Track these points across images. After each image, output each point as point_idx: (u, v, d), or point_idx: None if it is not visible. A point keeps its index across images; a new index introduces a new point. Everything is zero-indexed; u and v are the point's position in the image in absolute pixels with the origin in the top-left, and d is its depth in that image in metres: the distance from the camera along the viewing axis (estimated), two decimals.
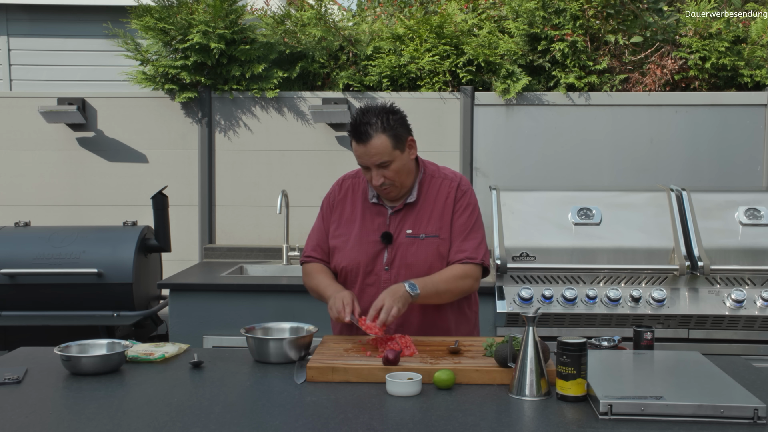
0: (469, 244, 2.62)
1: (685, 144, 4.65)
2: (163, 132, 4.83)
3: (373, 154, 2.50)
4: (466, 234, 2.63)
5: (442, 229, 2.62)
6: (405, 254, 2.60)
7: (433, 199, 2.65)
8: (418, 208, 2.64)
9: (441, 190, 2.66)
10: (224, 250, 4.73)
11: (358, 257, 2.63)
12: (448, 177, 2.70)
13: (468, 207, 2.66)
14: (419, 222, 2.62)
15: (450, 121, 4.71)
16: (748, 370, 2.36)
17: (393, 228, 2.63)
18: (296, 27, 4.81)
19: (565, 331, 3.67)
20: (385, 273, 2.61)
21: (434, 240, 2.61)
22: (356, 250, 2.64)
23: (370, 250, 2.62)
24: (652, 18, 4.72)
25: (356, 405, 2.01)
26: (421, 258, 2.59)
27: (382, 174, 2.53)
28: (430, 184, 2.68)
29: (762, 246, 3.74)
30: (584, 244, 3.80)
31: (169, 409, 1.98)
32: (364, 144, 2.50)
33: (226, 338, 3.84)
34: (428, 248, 2.60)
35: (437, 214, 2.63)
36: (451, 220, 2.63)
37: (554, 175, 4.67)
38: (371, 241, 2.63)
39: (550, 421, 1.89)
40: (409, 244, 2.60)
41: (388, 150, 2.51)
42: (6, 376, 2.24)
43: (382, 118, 2.50)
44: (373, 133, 2.48)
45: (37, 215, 4.77)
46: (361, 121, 2.50)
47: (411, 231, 2.61)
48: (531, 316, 2.10)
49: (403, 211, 2.64)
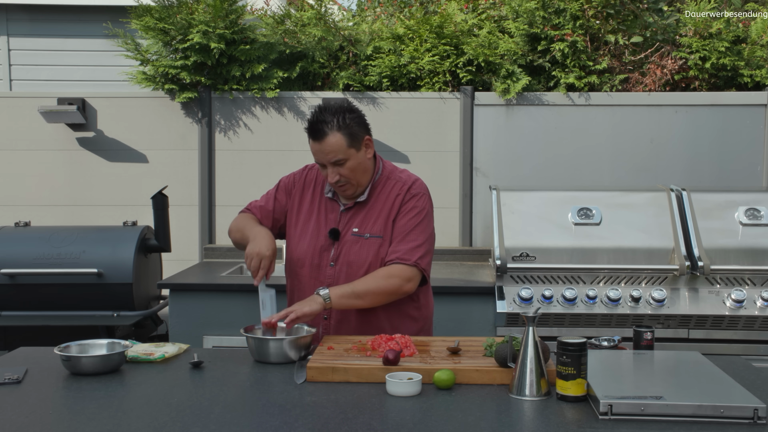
0: (403, 246, 2.60)
1: (685, 144, 4.65)
2: (163, 132, 4.83)
3: (327, 152, 2.53)
4: (404, 236, 2.62)
5: (385, 230, 2.64)
6: (348, 252, 2.63)
7: (383, 199, 2.66)
8: (367, 208, 2.66)
9: (392, 191, 2.67)
10: (224, 250, 4.73)
11: (307, 250, 2.67)
12: (401, 179, 2.70)
13: (413, 210, 2.64)
14: (366, 221, 2.65)
15: (450, 121, 4.71)
16: (748, 370, 2.36)
17: (342, 225, 2.66)
18: (296, 27, 4.81)
19: (565, 331, 3.67)
20: (330, 269, 2.64)
21: (377, 240, 2.63)
22: (306, 242, 2.68)
23: (319, 244, 2.66)
24: (652, 18, 4.72)
25: (356, 405, 2.01)
26: (362, 257, 2.62)
27: (337, 172, 2.56)
28: (384, 185, 2.69)
29: (762, 246, 3.74)
30: (584, 244, 3.80)
31: (169, 409, 1.98)
32: (319, 142, 2.53)
33: (226, 338, 3.84)
34: (370, 248, 2.62)
35: (384, 215, 2.65)
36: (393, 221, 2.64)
37: (554, 175, 4.67)
38: (322, 235, 2.67)
39: (550, 421, 1.89)
40: (354, 242, 2.63)
41: (343, 148, 2.53)
42: (6, 376, 2.24)
43: (339, 116, 2.53)
44: (329, 131, 2.52)
45: (37, 215, 4.77)
46: (317, 119, 2.54)
47: (357, 230, 2.64)
48: (531, 316, 2.10)
49: (353, 209, 2.67)
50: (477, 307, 3.79)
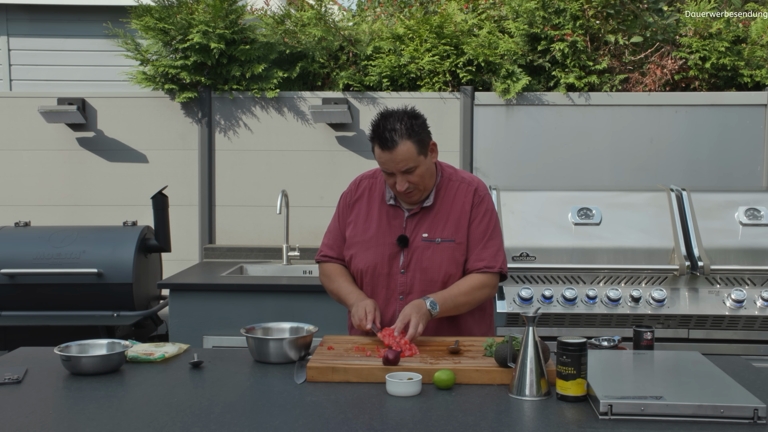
0: (487, 252, 2.62)
1: (685, 144, 4.65)
2: (163, 132, 4.83)
3: (399, 161, 2.47)
4: (485, 242, 2.62)
5: (458, 233, 2.62)
6: (420, 258, 2.60)
7: (450, 203, 2.64)
8: (434, 212, 2.63)
9: (458, 194, 2.65)
10: (224, 250, 4.73)
11: (374, 259, 2.63)
12: (466, 181, 2.69)
13: (486, 213, 2.65)
14: (435, 226, 2.62)
15: (450, 121, 4.71)
16: (748, 370, 2.36)
17: (409, 231, 2.62)
18: (296, 27, 4.81)
19: (565, 331, 3.66)
20: (401, 276, 2.61)
21: (450, 244, 2.61)
22: (373, 252, 2.63)
23: (387, 252, 2.62)
24: (652, 18, 4.72)
25: (356, 405, 2.01)
26: (437, 262, 2.59)
27: (406, 179, 2.52)
28: (448, 187, 2.66)
29: (762, 246, 3.74)
30: (584, 244, 3.80)
31: (169, 409, 1.98)
32: (390, 151, 2.46)
33: (226, 338, 3.84)
34: (444, 253, 2.60)
35: (454, 218, 2.63)
36: (469, 225, 2.63)
37: (554, 175, 4.67)
38: (387, 243, 2.62)
39: (550, 421, 1.89)
40: (425, 248, 2.60)
41: (414, 156, 2.48)
42: (6, 376, 2.24)
43: (406, 123, 2.47)
44: (399, 139, 2.45)
45: (37, 215, 4.77)
46: (384, 127, 2.46)
47: (427, 235, 2.61)
48: (531, 316, 2.10)
49: (419, 214, 2.64)
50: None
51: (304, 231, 4.77)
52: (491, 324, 2.81)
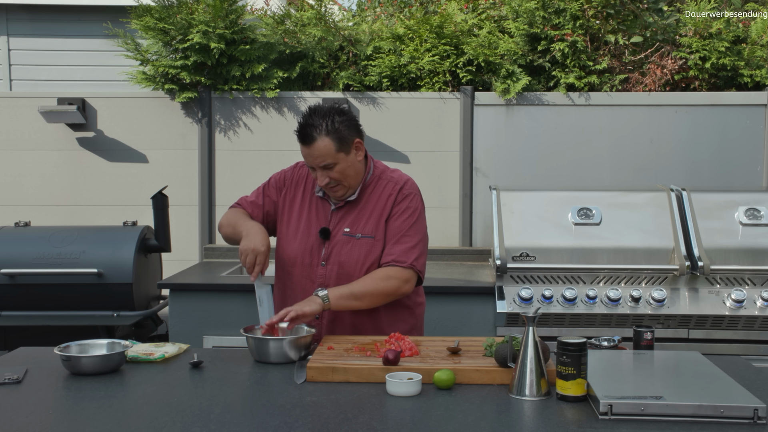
0: (398, 248, 2.61)
1: (685, 144, 4.65)
2: (163, 132, 4.83)
3: (316, 156, 2.52)
4: (399, 237, 2.63)
5: (377, 230, 2.64)
6: (340, 252, 2.62)
7: (375, 200, 2.66)
8: (359, 208, 2.66)
9: (384, 191, 2.67)
10: (224, 250, 4.73)
11: (297, 249, 2.67)
12: (393, 179, 2.70)
13: (406, 210, 2.65)
14: (358, 221, 2.64)
15: (450, 121, 4.71)
16: (748, 370, 2.36)
17: (333, 224, 2.65)
18: (296, 27, 4.81)
19: (565, 331, 3.67)
20: (321, 268, 2.64)
21: (369, 240, 2.63)
22: (298, 242, 2.67)
23: (309, 243, 2.66)
24: (652, 18, 4.72)
25: (356, 405, 2.01)
26: (354, 257, 2.61)
27: (326, 175, 2.55)
28: (376, 185, 2.68)
29: (762, 246, 3.74)
30: (584, 244, 3.80)
31: (169, 409, 1.98)
32: (308, 146, 2.51)
33: (226, 338, 3.84)
34: (362, 248, 2.62)
35: (376, 215, 2.64)
36: (387, 222, 2.64)
37: (554, 175, 4.67)
38: (312, 234, 2.66)
39: (550, 421, 1.89)
40: (345, 242, 2.63)
41: (332, 153, 2.51)
42: (6, 376, 2.24)
43: (327, 120, 2.50)
44: (317, 135, 2.49)
45: (37, 215, 4.77)
46: (306, 123, 2.51)
47: (349, 230, 2.64)
48: (531, 316, 2.10)
49: (344, 208, 2.66)
50: (477, 307, 3.79)
51: None
52: (417, 324, 2.77)
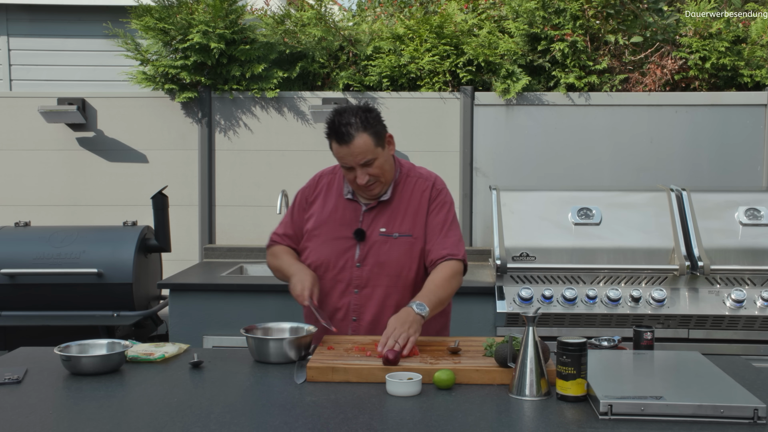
0: (449, 241, 2.62)
1: (685, 144, 4.65)
2: (163, 132, 4.83)
3: (357, 154, 2.50)
4: (445, 231, 2.63)
5: (415, 228, 2.63)
6: (378, 252, 2.61)
7: (408, 197, 2.66)
8: (392, 207, 2.65)
9: (416, 188, 2.67)
10: (224, 250, 4.73)
11: (329, 252, 2.64)
12: (423, 176, 2.71)
13: (444, 205, 2.67)
14: (393, 220, 2.63)
15: (450, 121, 4.71)
16: (748, 370, 2.36)
17: (366, 225, 2.64)
18: (296, 27, 4.81)
19: (565, 331, 3.67)
20: (357, 269, 2.62)
21: (407, 239, 2.62)
22: (329, 245, 2.65)
23: (341, 246, 2.63)
24: (652, 18, 4.72)
25: (356, 405, 2.01)
26: (394, 257, 2.61)
27: (366, 172, 2.53)
28: (405, 182, 2.68)
29: (762, 246, 3.74)
30: (584, 244, 3.80)
31: (169, 409, 1.98)
32: (347, 144, 2.49)
33: (226, 338, 3.84)
34: (401, 247, 2.61)
35: (411, 213, 2.64)
36: (426, 219, 2.64)
37: (554, 175, 4.67)
38: (343, 237, 2.64)
39: (550, 421, 1.89)
40: (383, 242, 2.61)
41: (371, 148, 2.51)
42: (6, 376, 2.24)
43: (361, 116, 2.50)
44: (355, 132, 2.48)
45: (37, 215, 4.77)
46: (340, 122, 2.49)
47: (385, 229, 2.62)
48: (531, 316, 2.10)
49: (377, 208, 2.65)
50: (477, 307, 3.79)
51: None
52: (447, 322, 2.79)
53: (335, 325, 2.59)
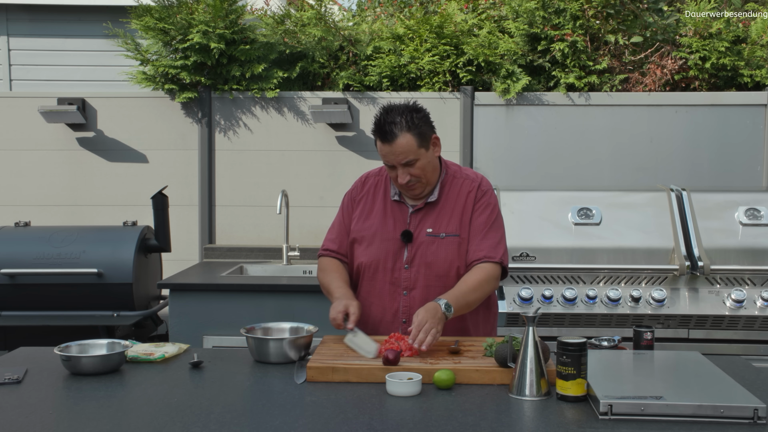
0: (486, 243, 2.62)
1: (685, 144, 4.65)
2: (163, 132, 4.83)
3: (398, 153, 2.50)
4: (485, 233, 2.63)
5: (462, 228, 2.62)
6: (425, 253, 2.60)
7: (454, 198, 2.65)
8: (439, 208, 2.64)
9: (462, 189, 2.67)
10: (224, 250, 4.73)
11: (377, 254, 2.63)
12: (470, 177, 2.71)
13: (488, 207, 2.66)
14: (440, 221, 2.63)
15: (450, 121, 4.71)
16: (748, 370, 2.36)
17: (413, 226, 2.63)
18: (296, 27, 4.81)
19: (565, 331, 3.66)
20: (405, 271, 2.62)
21: (454, 239, 2.61)
22: (376, 247, 2.64)
23: (391, 247, 2.63)
24: (652, 18, 4.72)
25: (356, 405, 2.01)
26: (441, 257, 2.60)
27: (408, 172, 2.53)
28: (452, 184, 2.68)
29: (762, 246, 3.74)
30: (584, 244, 3.79)
31: (169, 409, 1.98)
32: (390, 143, 2.50)
33: (226, 338, 3.84)
34: (448, 247, 2.61)
35: (458, 213, 2.64)
36: (470, 219, 2.64)
37: (554, 175, 4.67)
38: (391, 238, 2.63)
39: (550, 421, 1.89)
40: (430, 243, 2.61)
41: (414, 148, 2.51)
42: (6, 376, 2.24)
43: (407, 116, 2.50)
44: (398, 132, 2.49)
45: (37, 215, 4.77)
46: (385, 120, 2.50)
47: (431, 230, 2.62)
48: (531, 316, 2.10)
49: (424, 210, 2.65)
50: None
51: (304, 231, 4.77)
52: (495, 323, 2.80)
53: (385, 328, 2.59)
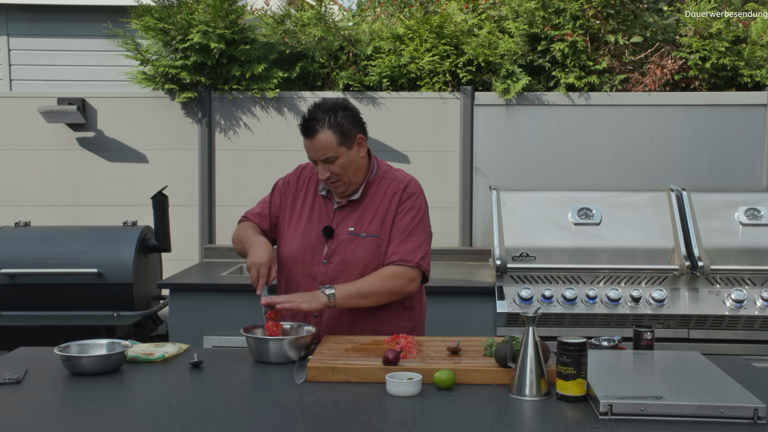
0: (405, 247, 2.62)
1: (685, 144, 4.65)
2: (163, 132, 4.83)
3: (318, 149, 2.54)
4: (405, 236, 2.63)
5: (382, 229, 2.64)
6: (344, 251, 2.63)
7: (379, 199, 2.67)
8: (363, 207, 2.66)
9: (388, 190, 2.68)
10: (224, 250, 4.73)
11: (299, 247, 2.68)
12: (397, 178, 2.71)
13: (411, 209, 2.66)
14: (362, 220, 2.65)
15: (450, 121, 4.71)
16: (748, 370, 2.36)
17: (336, 223, 2.66)
18: (296, 27, 4.81)
19: (565, 331, 3.67)
20: (323, 266, 2.64)
21: (374, 240, 2.63)
22: (299, 240, 2.68)
23: (312, 242, 2.66)
24: (652, 18, 4.72)
25: (356, 405, 2.01)
26: (359, 256, 2.62)
27: (327, 168, 2.57)
28: (379, 184, 2.69)
29: (762, 246, 3.74)
30: (584, 244, 3.80)
31: (169, 409, 1.98)
32: (310, 139, 2.55)
33: (226, 338, 3.84)
34: (367, 247, 2.62)
35: (380, 214, 2.65)
36: (393, 221, 2.65)
37: (554, 175, 4.67)
38: (314, 233, 2.67)
39: (550, 421, 1.89)
40: (349, 241, 2.63)
41: (333, 146, 2.54)
42: (6, 376, 2.24)
43: (330, 114, 2.54)
44: (319, 128, 2.53)
45: (37, 215, 4.77)
46: (309, 117, 2.55)
47: (353, 229, 2.64)
48: (531, 316, 2.10)
49: (347, 207, 2.67)
50: (477, 307, 3.79)
51: None
52: (418, 325, 2.77)
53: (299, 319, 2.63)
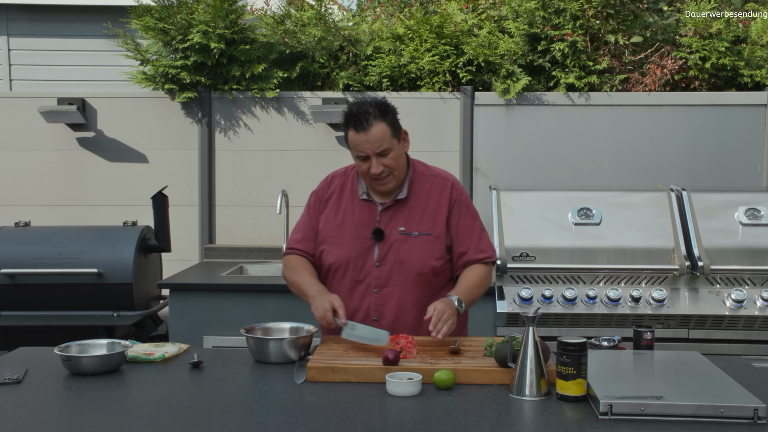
0: (484, 243, 2.69)
1: (685, 144, 4.65)
2: (163, 132, 4.83)
3: (374, 141, 2.51)
4: (479, 233, 2.68)
5: (435, 227, 2.63)
6: (398, 251, 2.61)
7: (425, 197, 2.66)
8: (409, 206, 2.65)
9: (433, 188, 2.68)
10: (224, 250, 4.73)
11: (347, 253, 2.63)
12: (440, 176, 2.72)
13: (469, 207, 2.71)
14: (411, 219, 2.63)
15: (450, 121, 4.71)
16: (748, 370, 2.36)
17: (384, 224, 2.63)
18: (296, 27, 4.81)
19: (565, 331, 3.66)
20: (376, 269, 2.61)
21: (427, 238, 2.62)
22: (345, 246, 2.63)
23: (360, 246, 2.62)
24: (652, 18, 4.72)
25: (356, 405, 2.01)
26: (415, 255, 2.60)
27: (381, 162, 2.53)
28: (421, 182, 2.69)
29: (762, 246, 3.74)
30: (584, 244, 3.79)
31: (169, 409, 1.99)
32: (365, 132, 2.50)
33: (226, 338, 3.84)
34: (421, 246, 2.61)
35: (430, 212, 2.64)
36: (448, 219, 2.65)
37: (554, 175, 4.67)
38: (361, 237, 2.63)
39: (550, 421, 1.89)
40: (402, 241, 2.61)
41: (388, 137, 2.53)
42: (6, 376, 2.24)
43: (379, 107, 2.54)
44: (374, 121, 2.50)
45: (37, 215, 4.77)
46: (359, 111, 2.52)
47: (404, 228, 2.62)
48: (531, 316, 2.10)
49: (393, 207, 2.65)
50: (477, 307, 3.79)
51: None
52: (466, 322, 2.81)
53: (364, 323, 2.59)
